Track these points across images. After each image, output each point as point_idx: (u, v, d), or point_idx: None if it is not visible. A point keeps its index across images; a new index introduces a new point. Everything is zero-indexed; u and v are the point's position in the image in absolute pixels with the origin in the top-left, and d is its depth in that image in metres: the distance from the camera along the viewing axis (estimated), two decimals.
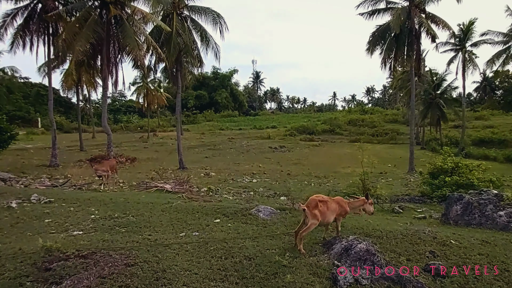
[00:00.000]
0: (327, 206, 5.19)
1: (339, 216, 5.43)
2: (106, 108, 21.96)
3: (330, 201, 5.33)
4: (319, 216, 5.00)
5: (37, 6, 22.44)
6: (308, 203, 5.13)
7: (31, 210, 7.39)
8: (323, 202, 5.18)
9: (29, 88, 55.58)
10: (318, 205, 5.05)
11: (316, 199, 5.18)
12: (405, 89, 45.87)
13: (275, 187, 15.72)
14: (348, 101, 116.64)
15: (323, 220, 5.18)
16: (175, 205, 7.64)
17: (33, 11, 22.44)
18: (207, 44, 25.25)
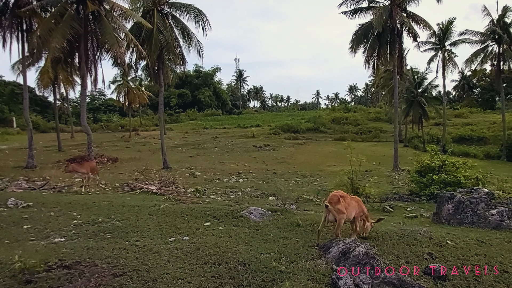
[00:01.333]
0: (347, 202, 5.19)
1: (357, 215, 5.40)
2: (85, 107, 21.26)
3: (350, 198, 5.35)
4: (344, 210, 5.00)
5: (9, 0, 21.43)
6: (330, 199, 5.11)
7: (8, 215, 6.97)
8: (344, 198, 5.17)
9: (2, 86, 53.44)
10: (340, 201, 5.03)
11: (337, 194, 5.20)
12: (388, 87, 46.70)
13: (262, 186, 15.58)
14: (332, 99, 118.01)
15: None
16: (163, 208, 7.38)
17: (5, 6, 21.38)
18: (190, 42, 24.83)
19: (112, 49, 18.18)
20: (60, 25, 17.52)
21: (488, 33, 33.87)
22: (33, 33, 19.14)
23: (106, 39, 18.21)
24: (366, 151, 35.92)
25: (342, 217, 5.14)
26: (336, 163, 29.69)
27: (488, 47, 34.71)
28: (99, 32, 18.84)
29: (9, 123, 48.88)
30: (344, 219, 5.21)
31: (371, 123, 54.91)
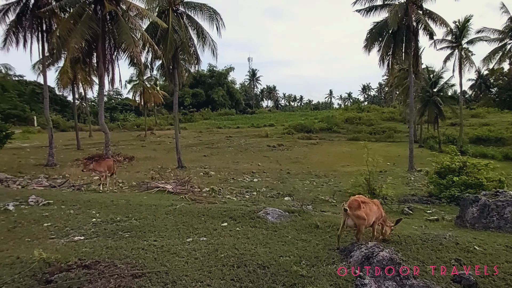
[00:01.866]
0: (369, 208, 5.00)
1: (377, 220, 5.21)
2: (103, 106, 21.51)
3: (371, 203, 5.16)
4: (364, 216, 4.81)
5: (30, 1, 21.80)
6: (350, 203, 4.93)
7: (29, 213, 7.03)
8: (365, 203, 4.98)
9: (24, 86, 54.69)
10: (360, 206, 4.85)
11: (358, 200, 5.01)
12: (402, 86, 45.80)
13: (277, 186, 15.42)
14: (344, 99, 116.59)
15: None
16: (179, 208, 7.32)
17: (25, 7, 21.79)
18: (204, 41, 24.85)
19: (128, 48, 18.30)
20: (78, 25, 17.73)
21: (507, 31, 32.83)
22: (52, 33, 19.42)
23: (123, 39, 18.36)
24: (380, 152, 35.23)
25: (362, 223, 4.95)
26: (349, 163, 29.28)
27: (506, 45, 33.65)
28: (116, 32, 18.99)
29: (30, 122, 50.00)
30: (364, 225, 5.02)
31: (385, 123, 54.03)
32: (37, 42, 22.18)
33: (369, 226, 5.30)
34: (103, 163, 11.21)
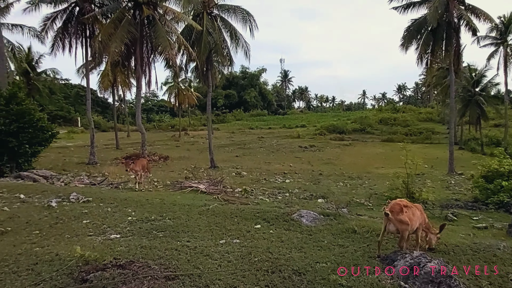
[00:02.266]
0: (412, 212, 4.64)
1: (420, 226, 4.83)
2: (140, 107, 22.14)
3: (414, 207, 4.79)
4: (407, 221, 4.46)
5: (75, 9, 22.96)
6: (392, 207, 4.58)
7: (70, 209, 7.22)
8: (407, 208, 4.62)
9: (69, 89, 57.85)
10: (403, 210, 4.50)
11: (400, 203, 4.66)
12: (441, 86, 43.55)
13: (310, 188, 15.04)
14: (378, 100, 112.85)
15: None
16: (212, 208, 7.22)
17: (71, 14, 22.98)
18: (237, 43, 24.94)
19: (165, 51, 18.72)
20: (118, 30, 18.38)
21: None
22: (95, 38, 20.26)
23: (159, 42, 18.80)
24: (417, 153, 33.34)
25: (405, 229, 4.56)
26: (384, 165, 28.18)
27: None
28: (153, 35, 19.49)
29: (74, 122, 52.82)
30: (408, 231, 4.63)
31: (421, 124, 51.69)
32: (81, 47, 23.30)
33: (412, 233, 4.90)
34: (137, 162, 11.45)
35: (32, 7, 21.89)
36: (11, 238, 5.29)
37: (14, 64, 29.90)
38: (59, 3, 22.33)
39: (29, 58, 33.84)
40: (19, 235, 5.52)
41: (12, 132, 13.21)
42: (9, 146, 13.25)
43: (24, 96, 14.44)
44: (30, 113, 13.77)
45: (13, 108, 13.40)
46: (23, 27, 26.02)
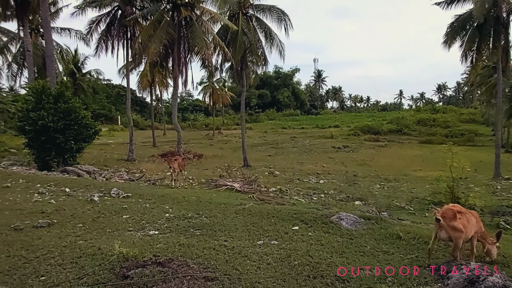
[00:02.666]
0: (466, 219, 4.24)
1: (475, 234, 4.41)
2: (177, 106, 22.59)
3: (468, 214, 4.39)
4: (461, 228, 4.08)
5: (117, 12, 23.92)
6: (444, 213, 4.21)
7: (111, 204, 7.38)
8: (462, 214, 4.23)
9: (110, 89, 60.57)
10: (456, 216, 4.13)
11: (453, 209, 4.28)
12: (485, 85, 40.78)
13: (346, 189, 14.54)
14: (416, 100, 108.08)
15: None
16: (248, 207, 7.09)
17: (114, 17, 23.96)
18: (272, 42, 24.80)
19: (201, 51, 18.95)
20: (157, 31, 18.83)
21: None
22: (135, 39, 20.91)
23: (196, 42, 19.06)
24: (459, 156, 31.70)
25: (459, 236, 4.14)
26: (422, 167, 26.90)
27: None
28: (190, 36, 19.78)
29: (115, 121, 55.18)
30: (462, 239, 4.20)
31: (463, 125, 48.82)
32: (123, 48, 24.23)
33: (466, 242, 4.46)
34: (172, 160, 11.61)
35: (79, 11, 23.03)
36: (57, 230, 5.44)
37: (62, 65, 31.67)
38: (103, 7, 23.32)
39: (76, 60, 35.73)
40: (64, 227, 5.68)
41: (59, 129, 13.90)
42: (56, 142, 13.95)
43: (70, 95, 15.18)
44: (76, 111, 14.44)
45: (61, 106, 14.10)
46: (71, 30, 27.56)
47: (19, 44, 28.25)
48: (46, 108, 13.78)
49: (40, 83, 14.55)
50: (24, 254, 4.23)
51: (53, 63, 17.60)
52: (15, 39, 28.87)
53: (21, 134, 14.29)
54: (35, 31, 27.62)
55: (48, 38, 17.28)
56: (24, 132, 13.95)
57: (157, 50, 19.02)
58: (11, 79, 29.64)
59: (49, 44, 17.21)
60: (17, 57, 29.04)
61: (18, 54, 28.74)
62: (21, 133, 14.25)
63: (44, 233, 5.26)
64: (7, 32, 29.90)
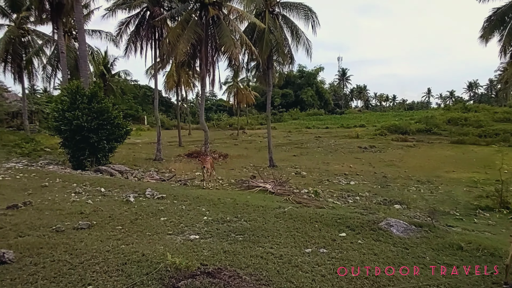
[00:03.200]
0: None
1: None
2: (204, 106, 22.53)
3: None
4: None
5: (146, 13, 24.17)
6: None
7: (147, 205, 7.24)
8: None
9: (138, 89, 61.79)
10: None
11: None
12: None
13: (381, 192, 13.90)
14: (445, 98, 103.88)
15: None
16: (288, 211, 6.73)
17: (142, 19, 24.23)
18: (298, 40, 24.33)
19: (228, 50, 18.74)
20: (185, 31, 18.79)
21: None
22: (164, 39, 21.01)
23: (224, 41, 18.88)
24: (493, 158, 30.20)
25: None
26: (455, 168, 25.55)
27: None
28: (218, 35, 19.63)
29: (141, 121, 56.23)
30: None
31: (497, 125, 46.17)
32: (151, 49, 24.46)
33: None
34: (207, 160, 11.35)
35: (109, 13, 23.42)
36: (97, 233, 5.30)
37: (93, 66, 32.49)
38: (132, 8, 23.62)
39: (106, 61, 36.57)
40: (104, 229, 5.54)
41: (93, 129, 14.08)
42: (90, 141, 14.14)
43: (103, 95, 15.35)
44: (108, 111, 14.58)
45: (94, 106, 14.28)
46: (101, 32, 28.15)
47: (53, 46, 29.17)
48: (80, 108, 14.00)
49: (75, 83, 14.80)
50: (68, 259, 4.08)
51: (86, 64, 17.94)
52: (49, 42, 29.85)
53: (57, 134, 14.59)
54: (68, 33, 28.42)
55: (81, 40, 17.61)
56: (60, 132, 14.22)
57: (185, 50, 18.99)
58: (45, 80, 30.68)
59: (82, 45, 17.53)
60: (51, 59, 30.02)
61: (52, 56, 29.69)
62: (57, 133, 14.55)
63: (85, 235, 5.13)
64: (42, 35, 31.03)
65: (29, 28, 30.85)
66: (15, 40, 29.36)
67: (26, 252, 4.25)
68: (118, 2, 23.50)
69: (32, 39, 31.55)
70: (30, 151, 17.49)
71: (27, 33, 30.86)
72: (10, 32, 29.08)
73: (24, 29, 30.31)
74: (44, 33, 31.05)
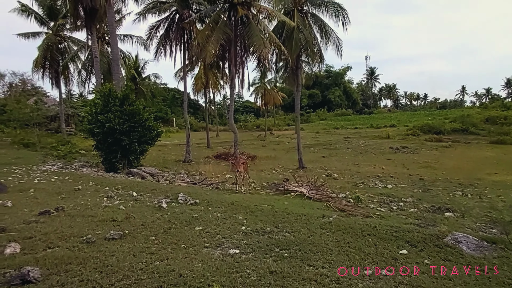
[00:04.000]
0: None
1: None
2: (233, 107, 22.12)
3: None
4: None
5: (175, 16, 24.11)
6: None
7: (180, 212, 6.74)
8: None
9: (167, 92, 62.72)
10: None
11: None
12: None
13: (424, 197, 12.74)
14: (481, 96, 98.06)
15: None
16: (335, 221, 5.99)
17: (172, 22, 24.19)
18: (327, 39, 23.37)
19: (258, 50, 18.17)
20: (215, 32, 18.42)
21: None
22: (193, 40, 20.78)
23: (253, 41, 18.35)
24: None
25: None
26: (497, 170, 23.61)
27: None
28: (247, 35, 19.12)
29: (170, 123, 56.96)
30: None
31: None
32: (180, 51, 24.36)
33: None
34: (241, 163, 10.74)
35: (140, 18, 23.54)
36: (129, 244, 4.83)
37: (125, 70, 33.02)
38: (162, 12, 23.62)
39: (136, 65, 37.14)
40: (136, 240, 5.06)
41: (124, 131, 13.92)
42: (121, 144, 13.99)
43: (134, 97, 15.20)
44: (140, 113, 14.39)
45: (126, 108, 14.13)
46: (132, 37, 28.48)
47: (87, 52, 29.86)
48: (112, 110, 13.89)
49: (107, 86, 14.74)
50: (98, 279, 3.58)
51: (118, 67, 17.97)
52: (84, 47, 30.62)
53: (90, 136, 14.57)
54: (101, 39, 28.96)
55: (114, 43, 17.65)
56: (93, 134, 14.18)
57: (215, 51, 18.63)
58: (80, 85, 31.50)
59: (114, 49, 17.57)
60: (85, 64, 30.77)
61: (87, 61, 30.41)
62: (90, 136, 14.54)
63: (117, 248, 4.66)
64: (77, 42, 31.92)
65: (65, 35, 31.82)
66: (52, 47, 30.30)
67: (54, 269, 3.80)
68: (148, 6, 23.57)
69: (68, 45, 32.52)
70: (66, 153, 17.71)
71: (63, 40, 31.83)
72: (48, 39, 30.05)
73: (60, 36, 31.27)
74: (79, 39, 31.95)
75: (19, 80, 41.42)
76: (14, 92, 41.86)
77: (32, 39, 30.75)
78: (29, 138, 22.59)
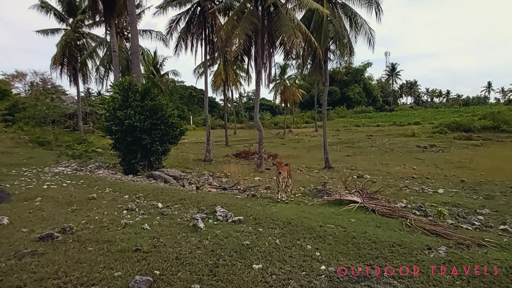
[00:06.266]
0: None
1: None
2: (258, 103, 20.29)
3: None
4: None
5: (197, 9, 22.47)
6: None
7: (223, 236, 4.95)
8: None
9: (184, 90, 61.47)
10: None
11: None
12: None
13: (496, 206, 10.55)
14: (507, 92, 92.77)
15: None
16: (450, 258, 4.08)
17: (193, 14, 22.55)
18: (357, 30, 21.29)
19: (289, 40, 16.25)
20: (241, 22, 16.67)
21: None
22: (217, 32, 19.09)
23: (283, 31, 16.46)
24: None
25: None
26: None
27: None
28: (277, 24, 17.25)
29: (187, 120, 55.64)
30: None
31: None
32: (201, 46, 22.73)
33: None
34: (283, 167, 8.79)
35: (160, 11, 21.99)
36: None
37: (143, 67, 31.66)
38: (183, 5, 22.02)
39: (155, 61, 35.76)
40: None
41: (145, 129, 12.24)
42: (142, 143, 12.33)
43: (156, 91, 13.48)
44: (163, 108, 12.67)
45: (148, 103, 12.44)
46: (152, 32, 27.02)
47: (105, 48, 28.60)
48: (133, 106, 12.22)
49: (127, 79, 13.05)
50: None
51: (138, 60, 16.39)
52: (102, 43, 29.37)
53: (108, 134, 12.91)
54: (120, 34, 27.59)
55: (134, 34, 16.08)
56: (111, 132, 12.50)
57: (241, 42, 16.86)
58: (98, 81, 30.29)
59: (134, 40, 15.99)
60: (104, 60, 29.51)
61: (105, 57, 29.16)
62: (107, 134, 12.87)
63: None
64: (95, 38, 30.74)
65: (83, 31, 30.68)
66: (71, 43, 29.21)
67: None
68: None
69: (86, 41, 31.40)
70: (82, 152, 16.21)
71: (82, 36, 30.73)
72: (66, 35, 28.96)
73: (79, 32, 30.16)
74: (97, 36, 30.79)
75: (40, 79, 40.81)
76: (35, 91, 41.30)
77: (51, 36, 29.72)
78: (45, 136, 21.33)
